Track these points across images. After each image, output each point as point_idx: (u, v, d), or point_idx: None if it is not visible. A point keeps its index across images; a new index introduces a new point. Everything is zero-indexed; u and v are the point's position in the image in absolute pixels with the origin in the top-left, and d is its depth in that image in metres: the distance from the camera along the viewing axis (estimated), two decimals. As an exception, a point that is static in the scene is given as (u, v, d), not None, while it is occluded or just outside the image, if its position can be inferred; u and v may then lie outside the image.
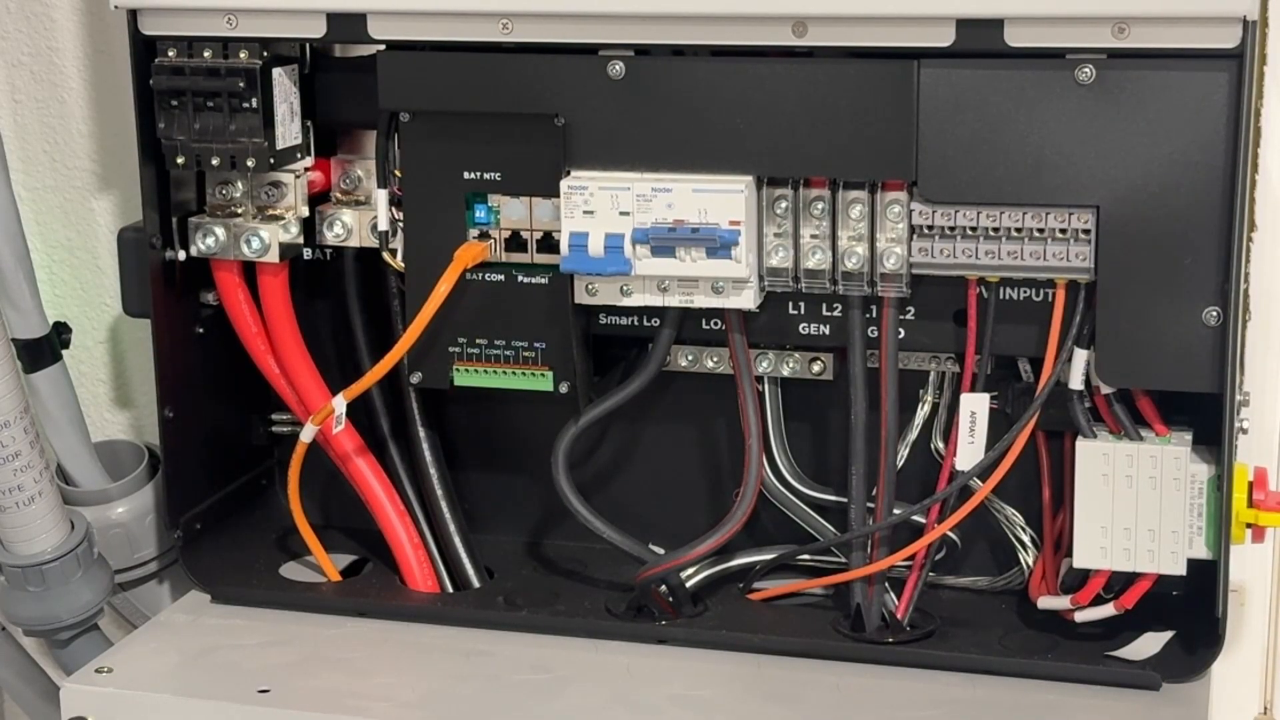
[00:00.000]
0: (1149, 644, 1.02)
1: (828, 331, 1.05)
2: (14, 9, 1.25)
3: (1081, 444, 1.00)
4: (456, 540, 1.14)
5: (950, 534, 1.08)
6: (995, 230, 0.97)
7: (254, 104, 1.04)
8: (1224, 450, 0.96)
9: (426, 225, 1.05)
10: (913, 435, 1.08)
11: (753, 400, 1.06)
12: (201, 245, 1.09)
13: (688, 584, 1.10)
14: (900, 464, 1.07)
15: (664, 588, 1.09)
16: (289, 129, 1.07)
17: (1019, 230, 0.97)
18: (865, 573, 1.05)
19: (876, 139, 0.96)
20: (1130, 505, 0.99)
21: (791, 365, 1.08)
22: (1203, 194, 0.93)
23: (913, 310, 1.03)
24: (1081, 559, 1.00)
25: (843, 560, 1.08)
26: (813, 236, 1.00)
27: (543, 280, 1.05)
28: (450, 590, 1.14)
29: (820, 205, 1.00)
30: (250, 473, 1.22)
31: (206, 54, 1.04)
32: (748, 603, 1.10)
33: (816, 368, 1.08)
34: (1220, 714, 1.09)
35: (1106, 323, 0.96)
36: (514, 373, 1.06)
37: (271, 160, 1.05)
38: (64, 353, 1.22)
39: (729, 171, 0.99)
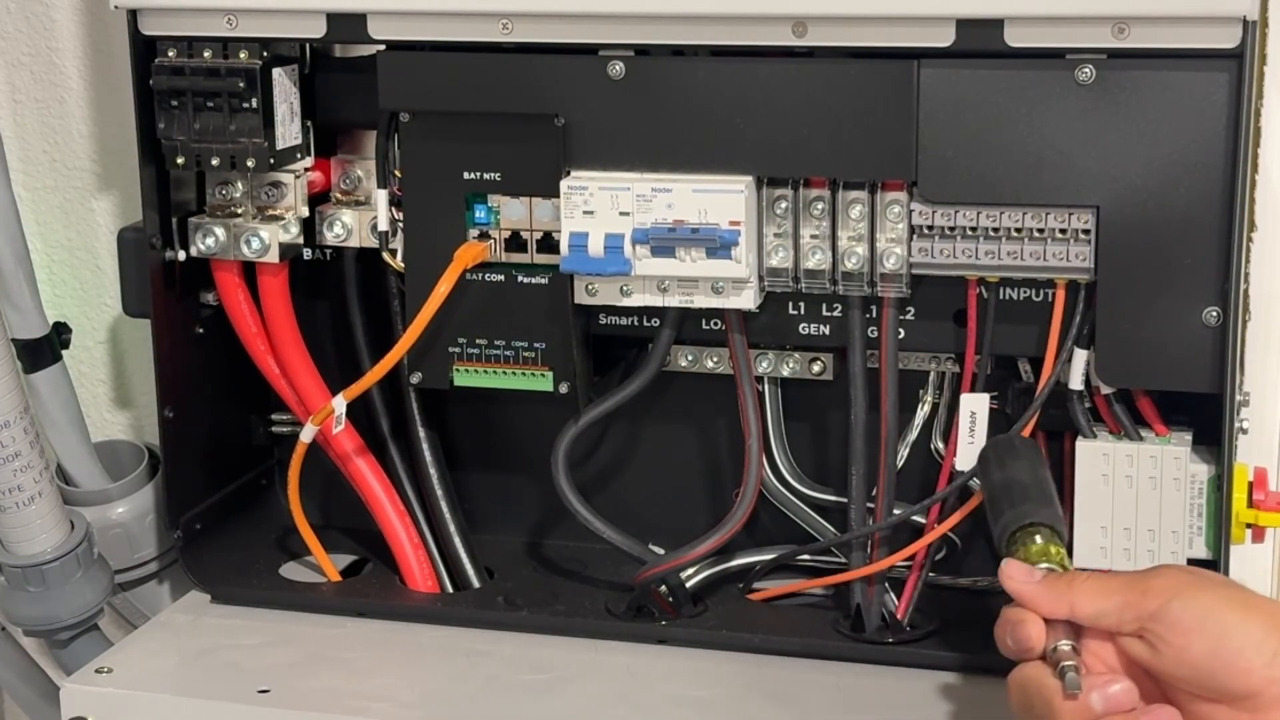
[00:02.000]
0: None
1: (828, 331, 1.05)
2: (14, 9, 1.25)
3: (1081, 444, 1.00)
4: (456, 540, 1.14)
5: (950, 534, 1.08)
6: (995, 230, 0.97)
7: (254, 104, 1.04)
8: (1224, 450, 0.96)
9: (426, 225, 1.05)
10: (913, 435, 1.08)
11: (753, 400, 1.06)
12: (201, 245, 1.09)
13: (688, 584, 1.10)
14: (900, 464, 1.07)
15: (664, 588, 1.09)
16: (289, 129, 1.07)
17: (1019, 230, 0.97)
18: (865, 573, 1.05)
19: (876, 139, 0.96)
20: (1130, 505, 0.99)
21: (791, 365, 1.08)
22: (1203, 194, 0.93)
23: (913, 310, 1.03)
24: (1081, 559, 1.00)
25: (843, 560, 1.08)
26: (813, 236, 1.00)
27: (543, 280, 1.05)
28: (450, 590, 1.14)
29: (820, 205, 1.00)
30: (250, 473, 1.22)
31: (206, 54, 1.04)
32: (748, 603, 1.11)
33: (816, 368, 1.08)
34: (1220, 714, 1.09)
35: (1106, 323, 0.96)
36: (514, 373, 1.06)
37: (271, 160, 1.05)
38: (64, 353, 1.22)
39: (729, 171, 0.99)
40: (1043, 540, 0.91)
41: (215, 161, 1.05)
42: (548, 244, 1.04)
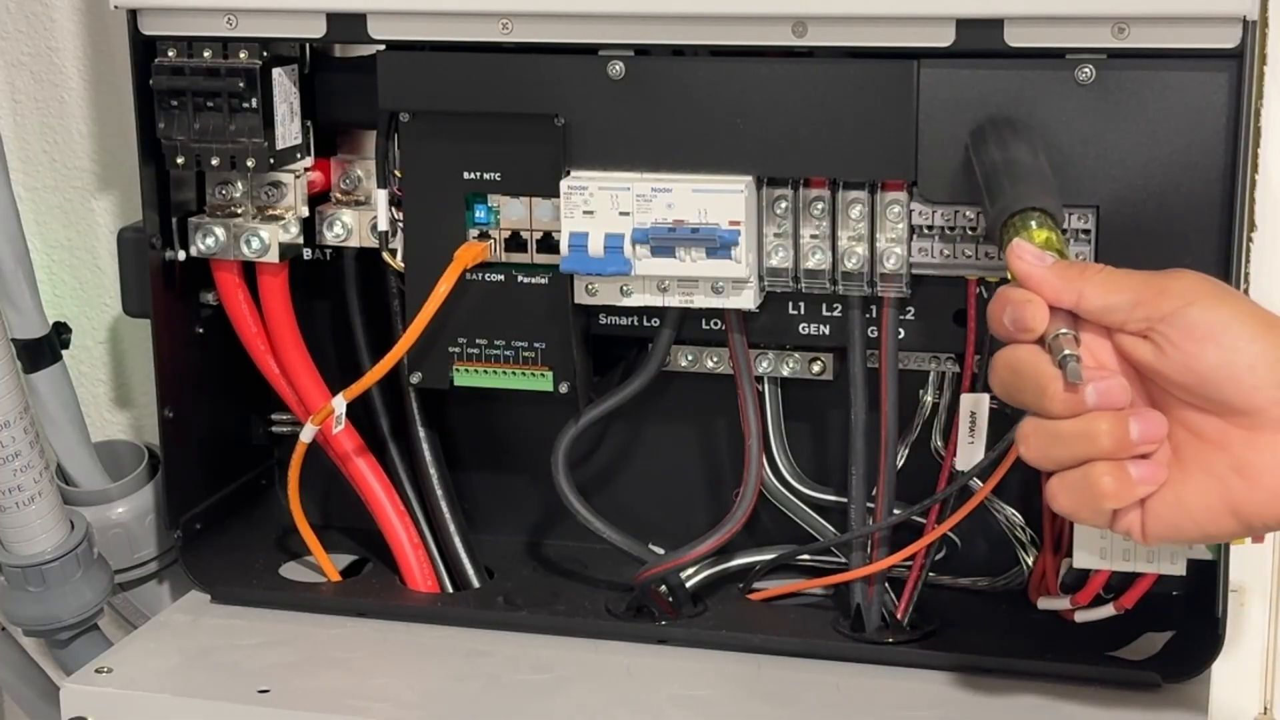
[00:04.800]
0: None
1: (828, 331, 1.05)
2: (14, 9, 1.25)
3: (1081, 444, 0.99)
4: (456, 540, 1.14)
5: (950, 534, 1.08)
6: (995, 230, 0.97)
7: (254, 104, 1.04)
8: (1224, 450, 0.96)
9: (426, 225, 1.06)
10: (913, 435, 1.08)
11: (753, 400, 1.06)
12: (201, 245, 1.09)
13: (688, 584, 1.10)
14: (900, 464, 1.07)
15: (664, 588, 1.09)
16: (289, 129, 1.07)
17: (1019, 230, 0.97)
18: (865, 573, 1.05)
19: (876, 139, 0.97)
20: (1130, 505, 0.99)
21: (791, 365, 1.08)
22: (1203, 194, 0.93)
23: (913, 310, 1.03)
24: (1081, 559, 1.00)
25: (843, 560, 1.08)
26: (813, 236, 1.00)
27: (543, 280, 1.05)
28: (450, 590, 1.14)
29: (820, 205, 1.00)
30: (250, 473, 1.22)
31: (206, 54, 1.04)
32: (748, 603, 1.10)
33: (816, 368, 1.08)
34: (1220, 714, 1.09)
35: (1106, 323, 0.96)
36: (514, 373, 1.06)
37: (271, 160, 1.05)
38: (64, 353, 1.22)
39: (729, 171, 0.99)
40: (1042, 227, 0.86)
41: (215, 161, 1.05)
42: (548, 244, 1.04)
